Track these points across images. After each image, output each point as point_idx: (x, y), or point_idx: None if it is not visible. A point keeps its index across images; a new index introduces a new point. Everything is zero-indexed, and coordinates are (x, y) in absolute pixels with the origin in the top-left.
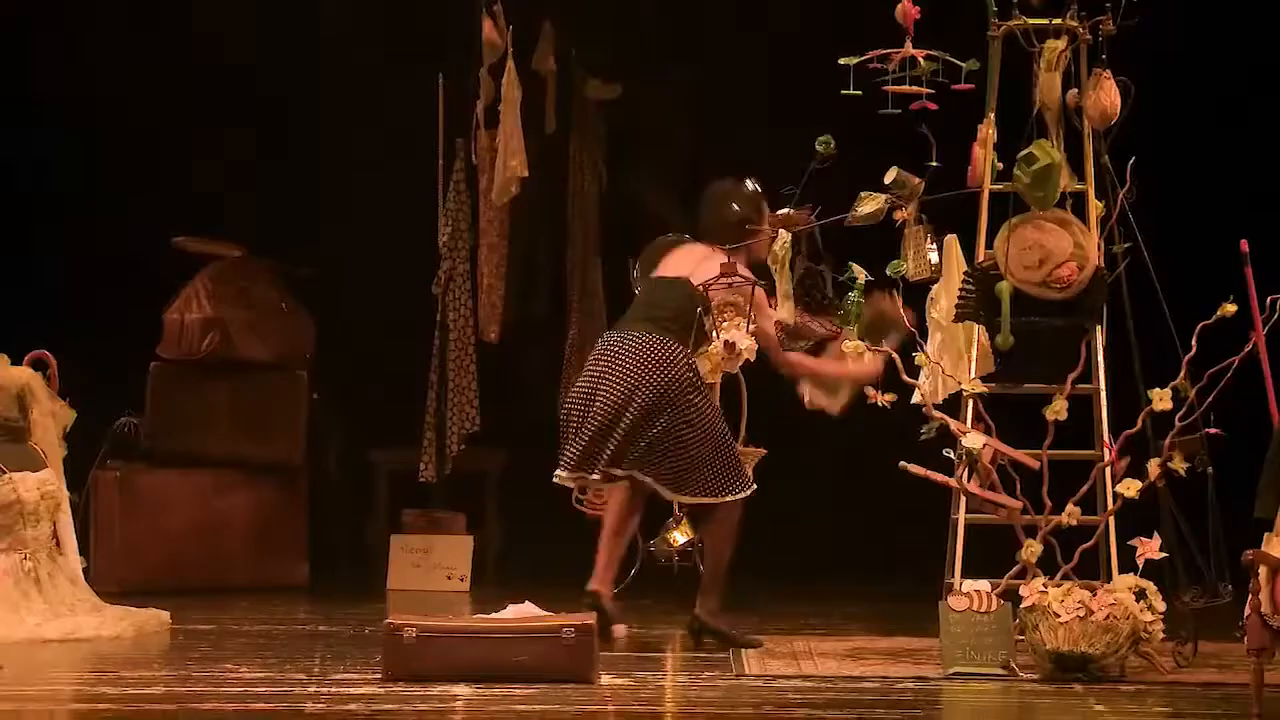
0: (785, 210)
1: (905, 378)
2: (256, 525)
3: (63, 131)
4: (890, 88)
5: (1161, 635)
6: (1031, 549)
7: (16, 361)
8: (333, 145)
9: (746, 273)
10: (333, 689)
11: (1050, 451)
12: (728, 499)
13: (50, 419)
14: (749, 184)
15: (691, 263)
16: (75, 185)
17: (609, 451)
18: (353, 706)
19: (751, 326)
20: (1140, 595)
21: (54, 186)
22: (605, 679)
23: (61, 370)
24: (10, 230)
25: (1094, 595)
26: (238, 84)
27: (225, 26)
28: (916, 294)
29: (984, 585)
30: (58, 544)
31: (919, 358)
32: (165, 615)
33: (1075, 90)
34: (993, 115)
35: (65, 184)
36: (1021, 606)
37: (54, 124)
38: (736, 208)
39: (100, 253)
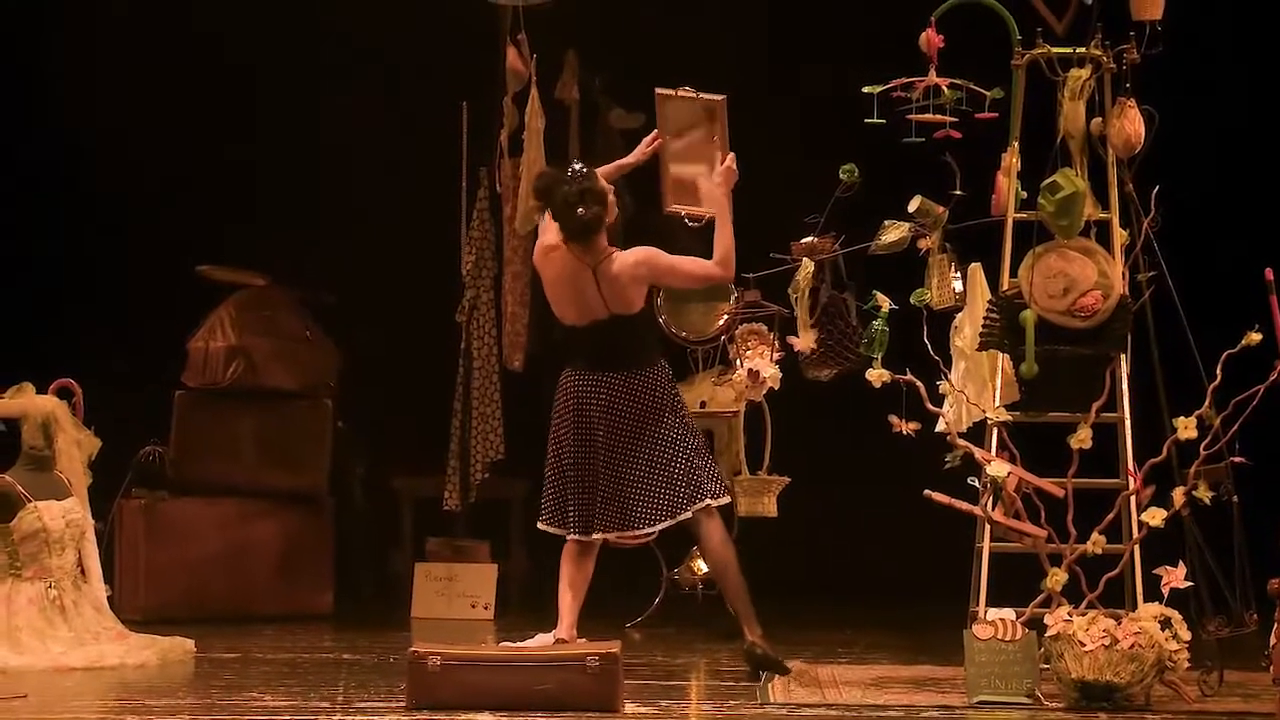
0: (809, 238)
1: (930, 406)
2: (281, 554)
3: (89, 161)
4: (914, 116)
5: (1187, 664)
6: (1056, 577)
7: (42, 390)
8: (358, 173)
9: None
10: (357, 717)
11: (1075, 480)
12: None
13: (75, 447)
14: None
15: None
16: (100, 215)
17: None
18: None
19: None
20: (1165, 624)
21: (79, 217)
22: (630, 708)
23: (87, 399)
24: (36, 260)
25: (1119, 624)
26: (263, 113)
27: (254, 57)
28: (941, 322)
29: (1009, 614)
30: (83, 572)
31: (943, 386)
32: (189, 643)
33: (1099, 119)
34: (1017, 144)
35: (90, 214)
36: (1046, 635)
37: (81, 154)
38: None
39: (126, 282)
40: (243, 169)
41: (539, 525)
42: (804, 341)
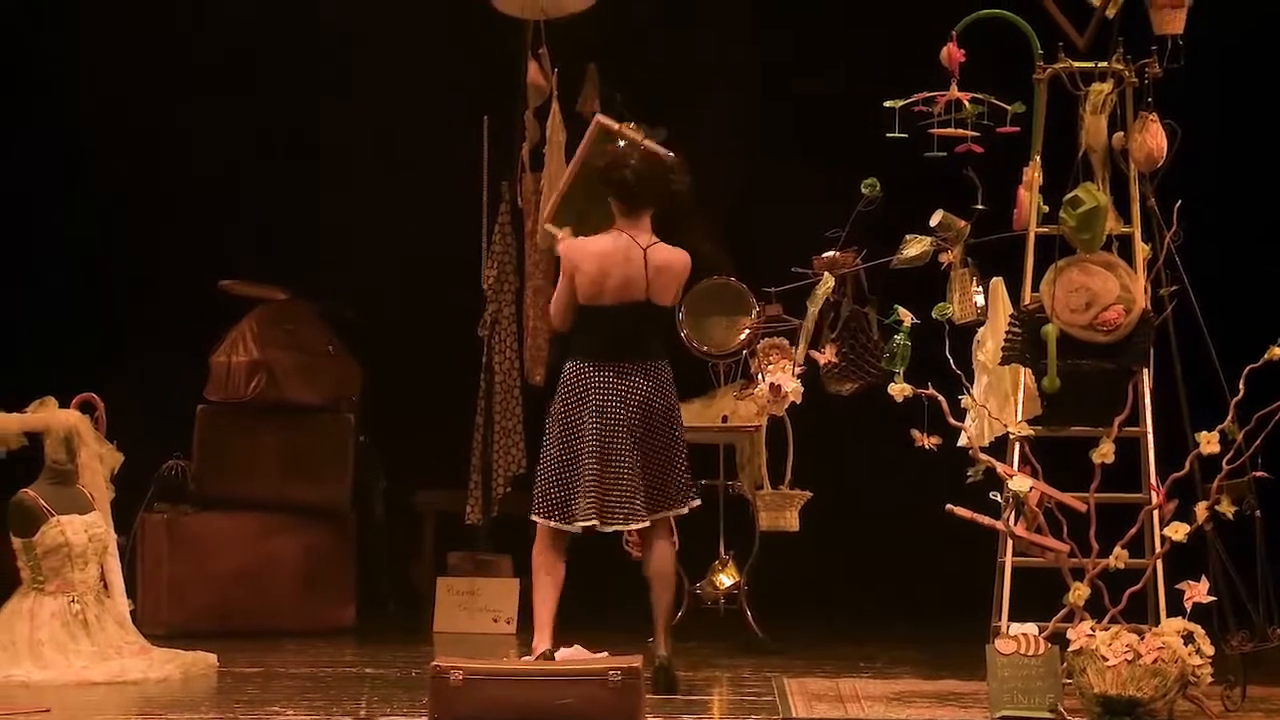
0: (831, 252)
1: (952, 420)
2: (303, 568)
3: (113, 176)
4: (936, 130)
5: (1210, 679)
6: (1079, 592)
7: (64, 404)
8: (379, 188)
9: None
10: None
11: (1097, 494)
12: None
13: (98, 462)
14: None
15: None
16: (123, 230)
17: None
18: None
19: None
20: (1188, 639)
21: (100, 232)
22: None
23: (109, 413)
24: (57, 274)
25: (1142, 639)
26: (287, 129)
27: (276, 72)
28: (963, 337)
29: (1031, 628)
30: (105, 587)
31: (965, 400)
32: (212, 658)
33: (1121, 133)
34: (1038, 158)
35: (112, 229)
36: (1069, 650)
37: (105, 168)
38: None
39: (148, 296)
40: (265, 184)
41: (538, 519)
42: (801, 352)
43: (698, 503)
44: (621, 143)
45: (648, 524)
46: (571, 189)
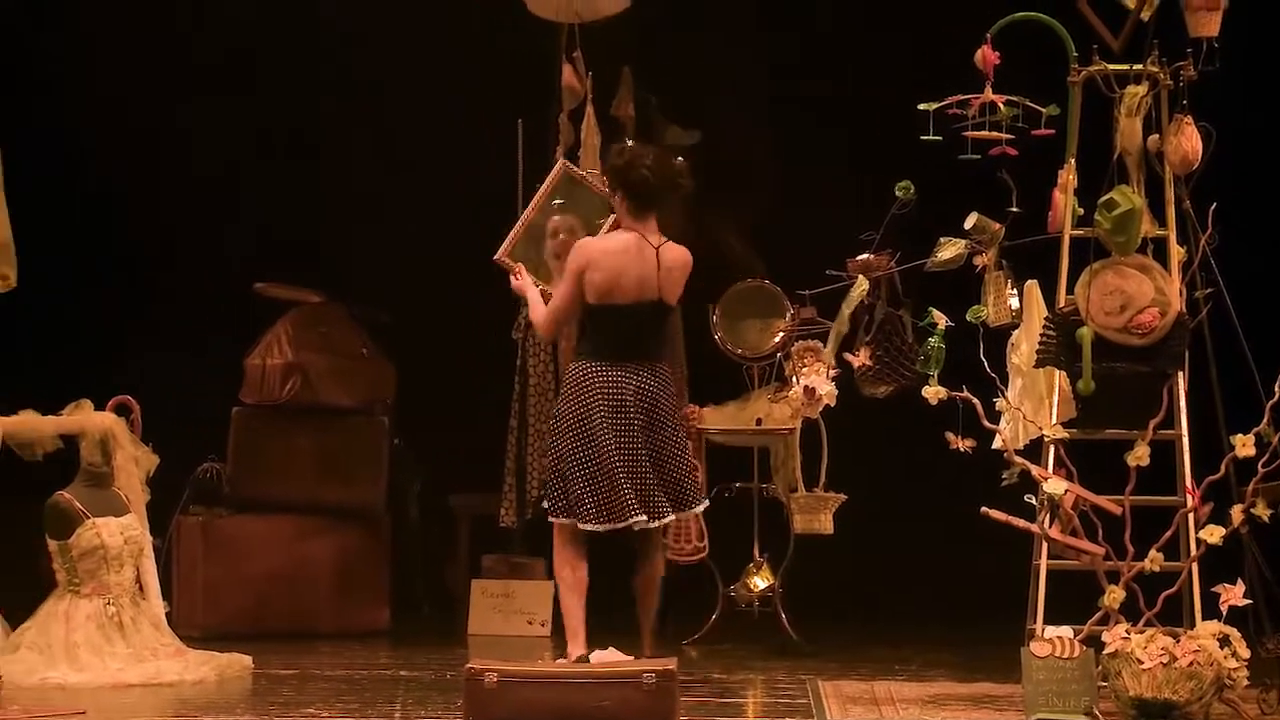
0: (865, 255)
1: (986, 423)
2: (338, 570)
3: (148, 178)
4: (970, 133)
5: (1245, 682)
6: (1114, 595)
7: (100, 406)
8: (414, 190)
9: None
10: None
11: (1132, 497)
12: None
13: (133, 464)
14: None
15: None
16: (157, 232)
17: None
18: None
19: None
20: (1224, 642)
21: (135, 233)
22: None
23: (144, 415)
24: (92, 277)
25: (1177, 641)
26: (320, 131)
27: (310, 76)
28: (997, 339)
29: (1066, 631)
30: (141, 589)
31: (1000, 403)
32: (247, 660)
33: (1156, 135)
34: (1073, 160)
35: (147, 231)
36: (1104, 653)
37: (139, 170)
38: None
39: (182, 299)
40: (300, 187)
41: (560, 519)
42: (829, 354)
43: (706, 504)
44: (629, 142)
45: (672, 519)
46: (529, 227)
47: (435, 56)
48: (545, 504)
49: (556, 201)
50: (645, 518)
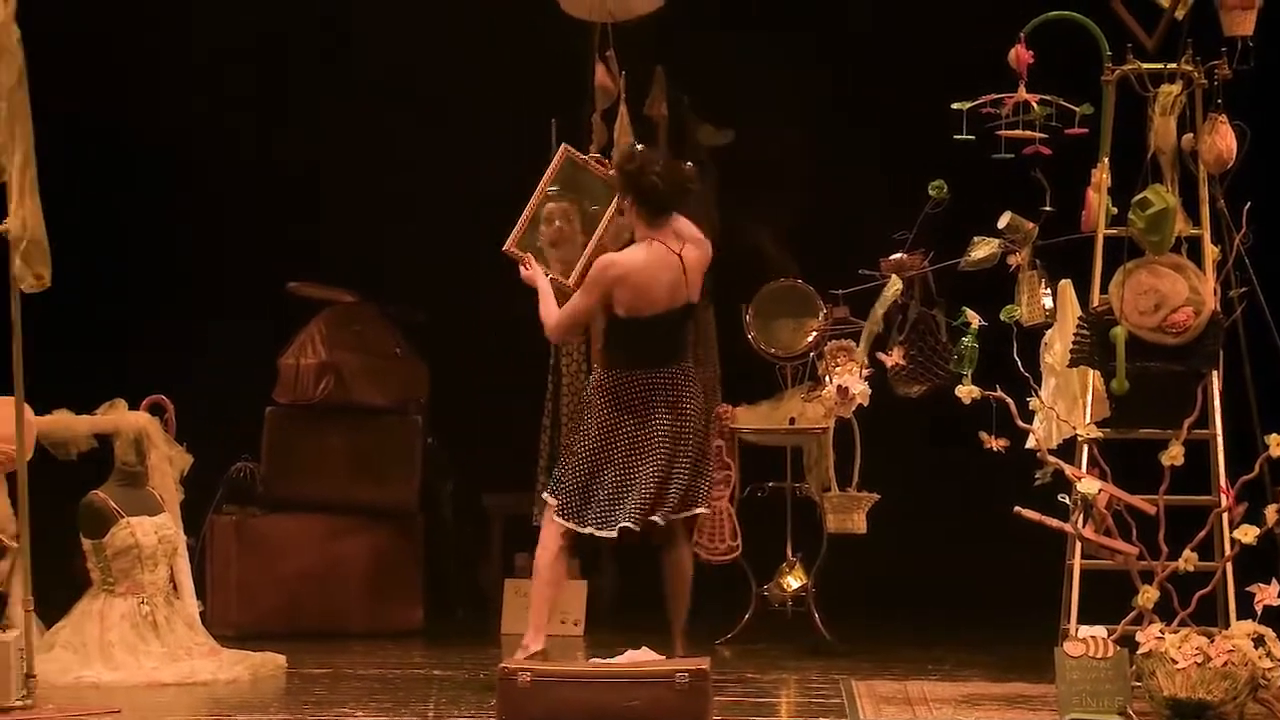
0: (898, 255)
1: (1020, 423)
2: (371, 570)
3: (181, 179)
4: (1003, 132)
5: None
6: (1148, 595)
7: (134, 406)
8: (446, 190)
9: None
10: None
11: (1166, 497)
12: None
13: (167, 463)
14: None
15: None
16: (190, 232)
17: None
18: None
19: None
20: (1259, 642)
21: (169, 234)
22: None
23: (178, 415)
24: (126, 277)
25: (1211, 641)
26: (353, 131)
27: (342, 76)
28: (1031, 339)
29: (1100, 631)
30: (175, 588)
31: (1033, 403)
32: (281, 659)
33: (1190, 134)
34: (1107, 160)
35: (181, 231)
36: (1138, 653)
37: (173, 171)
38: None
39: (216, 298)
40: (333, 185)
41: (564, 522)
42: (861, 353)
43: (706, 510)
44: (639, 146)
45: (698, 512)
46: (534, 216)
47: (469, 56)
48: (550, 498)
49: (553, 189)
50: (657, 518)
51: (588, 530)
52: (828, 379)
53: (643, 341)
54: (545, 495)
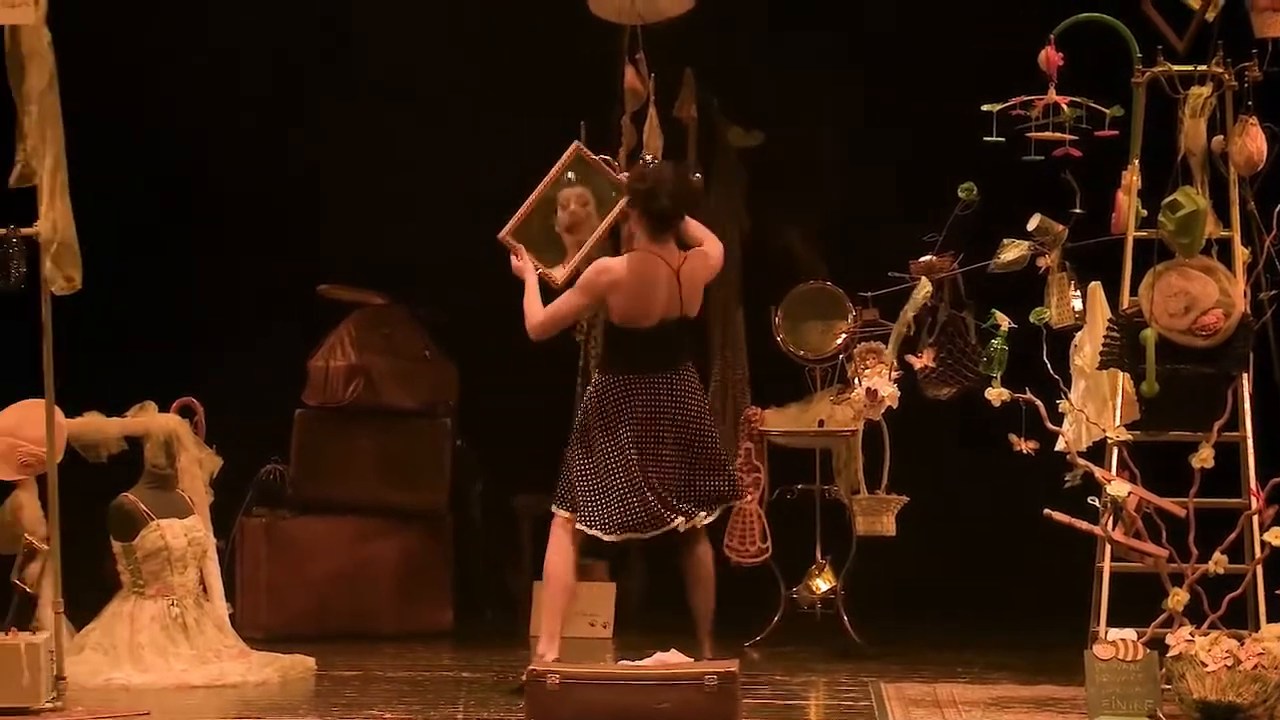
0: (928, 257)
1: (1049, 425)
2: (401, 572)
3: (214, 183)
4: (1034, 134)
5: None
6: (1178, 598)
7: (164, 408)
8: (477, 193)
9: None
10: None
11: (1196, 499)
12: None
13: (197, 466)
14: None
15: None
16: (220, 235)
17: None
18: None
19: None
20: None
21: (198, 236)
22: None
23: (208, 417)
24: (157, 279)
25: (1242, 644)
26: (384, 132)
27: (372, 77)
28: (1060, 341)
29: (1130, 634)
30: (204, 590)
31: (1063, 405)
32: (310, 661)
33: (1221, 136)
34: (1137, 162)
35: (210, 233)
36: (1168, 655)
37: (205, 175)
38: None
39: (245, 301)
40: (361, 187)
41: (583, 529)
42: (890, 354)
43: (745, 498)
44: (655, 161)
45: (713, 518)
46: (536, 207)
47: (497, 56)
48: (556, 505)
49: (570, 175)
50: (679, 521)
51: (593, 532)
52: (857, 381)
53: (641, 350)
54: (553, 506)
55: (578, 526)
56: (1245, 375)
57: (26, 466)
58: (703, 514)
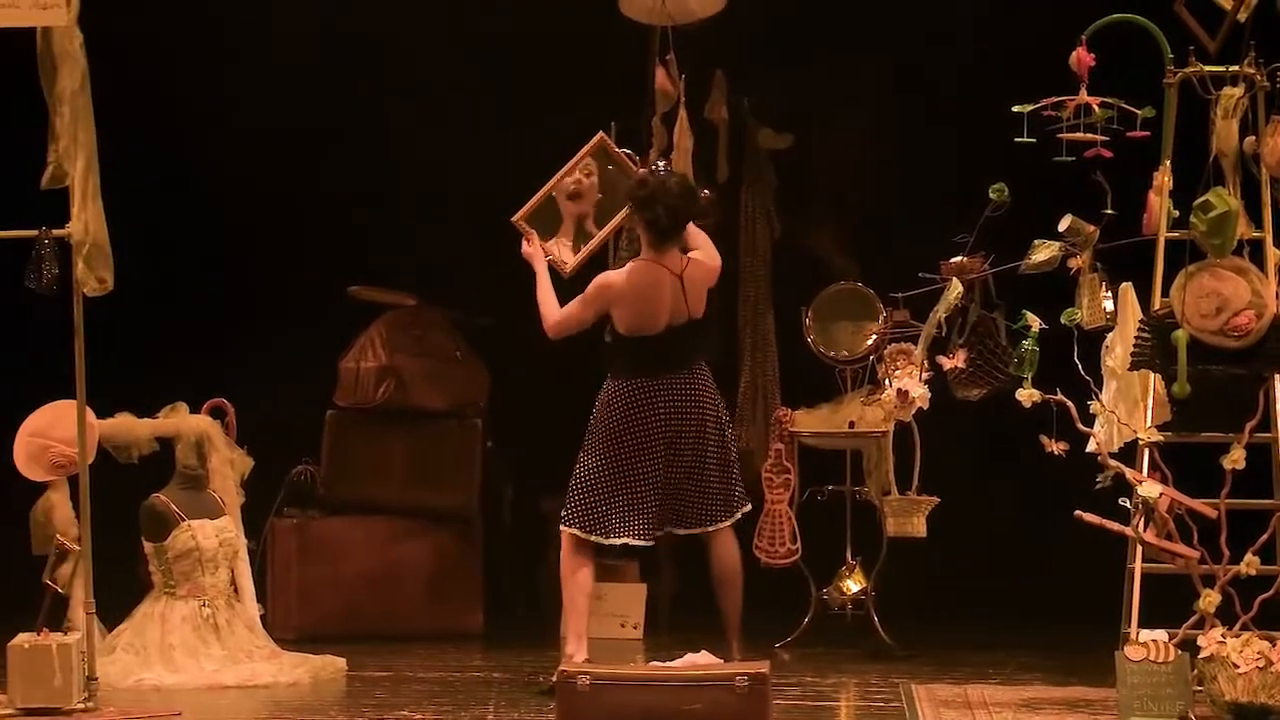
0: (959, 258)
1: (1080, 426)
2: (431, 573)
3: (244, 184)
4: (1065, 135)
5: None
6: (1210, 599)
7: (195, 409)
8: (508, 194)
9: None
10: None
11: (1228, 500)
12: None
13: (228, 467)
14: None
15: None
16: (252, 235)
17: None
18: None
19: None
20: None
21: (230, 237)
22: None
23: (239, 418)
24: (188, 280)
25: (1273, 646)
26: (413, 135)
27: (403, 80)
28: (1091, 342)
29: (1161, 635)
30: (236, 591)
31: (1094, 406)
32: (341, 662)
33: (1253, 137)
34: (1169, 162)
35: (242, 234)
36: (1200, 657)
37: (236, 176)
38: None
39: (277, 302)
40: (394, 190)
41: (577, 533)
42: (919, 355)
43: (748, 507)
44: (663, 169)
45: (729, 524)
46: (552, 193)
47: (527, 57)
48: (564, 515)
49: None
50: (687, 529)
51: (597, 538)
52: (887, 382)
53: (648, 355)
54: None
55: (576, 534)
56: (1277, 376)
57: (58, 467)
58: (719, 523)
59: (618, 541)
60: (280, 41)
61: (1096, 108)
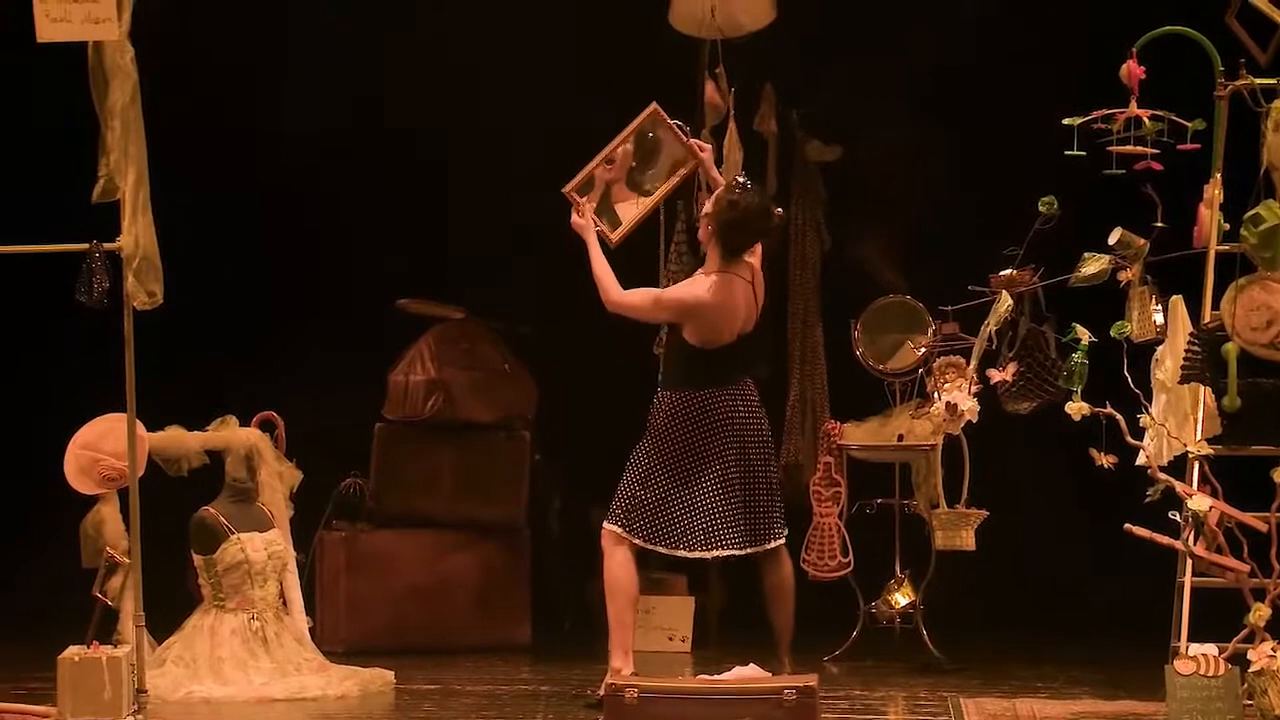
0: (1008, 271)
1: (1130, 440)
2: (480, 586)
3: (292, 196)
4: (1115, 148)
5: None
6: (1260, 613)
7: (245, 422)
8: (554, 207)
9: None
10: None
11: (1279, 514)
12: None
13: (277, 480)
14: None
15: None
16: (301, 248)
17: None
18: None
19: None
20: None
21: (279, 250)
22: None
23: (288, 431)
24: (237, 293)
25: None
26: (458, 147)
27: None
28: (1141, 355)
29: (1211, 649)
30: (284, 604)
31: (1144, 419)
32: (389, 675)
33: None
34: (1219, 175)
35: (290, 247)
36: (1250, 671)
37: (283, 189)
38: None
39: (325, 316)
40: (440, 204)
41: (640, 543)
42: (971, 369)
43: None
44: (743, 181)
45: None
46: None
47: (576, 70)
48: (611, 521)
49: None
50: (749, 547)
51: (683, 553)
52: (937, 395)
53: (720, 364)
54: (606, 523)
55: (634, 540)
56: None
57: (108, 480)
58: (776, 540)
59: (709, 555)
60: (331, 56)
61: (1147, 120)
